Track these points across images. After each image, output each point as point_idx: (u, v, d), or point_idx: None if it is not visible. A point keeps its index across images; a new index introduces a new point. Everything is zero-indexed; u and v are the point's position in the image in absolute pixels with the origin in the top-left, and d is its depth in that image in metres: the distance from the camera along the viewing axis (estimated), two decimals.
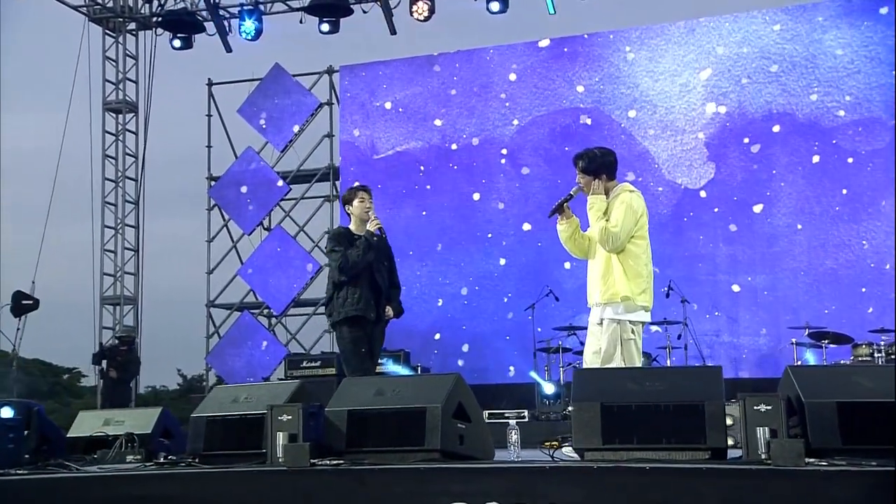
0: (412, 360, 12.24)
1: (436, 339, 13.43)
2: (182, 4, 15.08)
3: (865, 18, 12.33)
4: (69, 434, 6.97)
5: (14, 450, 5.93)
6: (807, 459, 3.95)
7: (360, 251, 6.92)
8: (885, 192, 11.96)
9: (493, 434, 5.31)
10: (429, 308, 13.49)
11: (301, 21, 14.36)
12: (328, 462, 4.78)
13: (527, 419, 10.30)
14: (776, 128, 12.50)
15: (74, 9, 15.29)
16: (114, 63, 15.64)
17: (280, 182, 14.81)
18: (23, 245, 15.31)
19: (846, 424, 4.11)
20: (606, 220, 5.71)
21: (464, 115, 13.82)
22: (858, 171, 12.13)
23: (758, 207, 12.47)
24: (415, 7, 13.51)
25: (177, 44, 14.96)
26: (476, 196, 13.62)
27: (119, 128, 15.62)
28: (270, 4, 14.75)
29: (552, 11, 13.64)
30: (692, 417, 4.32)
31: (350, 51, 15.11)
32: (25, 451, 6.12)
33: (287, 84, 14.89)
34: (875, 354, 9.74)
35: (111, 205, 15.45)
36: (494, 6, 13.51)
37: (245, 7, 14.50)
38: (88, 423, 7.04)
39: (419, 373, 11.36)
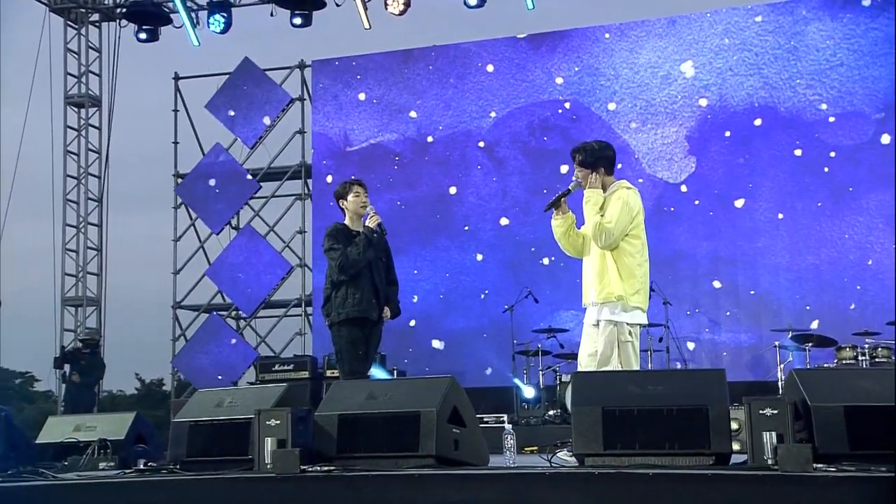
0: (387, 363, 12.16)
1: (411, 337, 13.37)
2: None
3: (848, 11, 12.41)
4: (38, 440, 6.87)
5: None
6: (814, 465, 3.95)
7: (361, 248, 6.82)
8: (868, 187, 12.06)
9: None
10: (404, 304, 13.16)
11: (272, 14, 14.19)
12: (319, 468, 4.73)
13: (506, 423, 10.26)
14: (758, 121, 12.55)
15: None
16: (76, 55, 15.41)
17: (250, 179, 14.67)
18: None
19: (853, 429, 4.11)
20: (601, 216, 5.67)
21: (440, 107, 13.77)
22: (841, 166, 12.21)
23: (739, 202, 12.52)
24: (390, 1, 13.38)
25: (142, 36, 14.71)
26: (452, 189, 13.58)
27: (81, 123, 15.40)
28: None
29: (531, 7, 13.60)
30: (696, 422, 4.31)
31: (323, 45, 15.00)
32: None
33: (257, 78, 14.74)
34: (859, 358, 9.78)
35: (73, 202, 15.24)
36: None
37: None
38: (58, 429, 6.94)
39: (395, 376, 11.28)
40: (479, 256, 13.38)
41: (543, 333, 11.33)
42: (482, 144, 13.53)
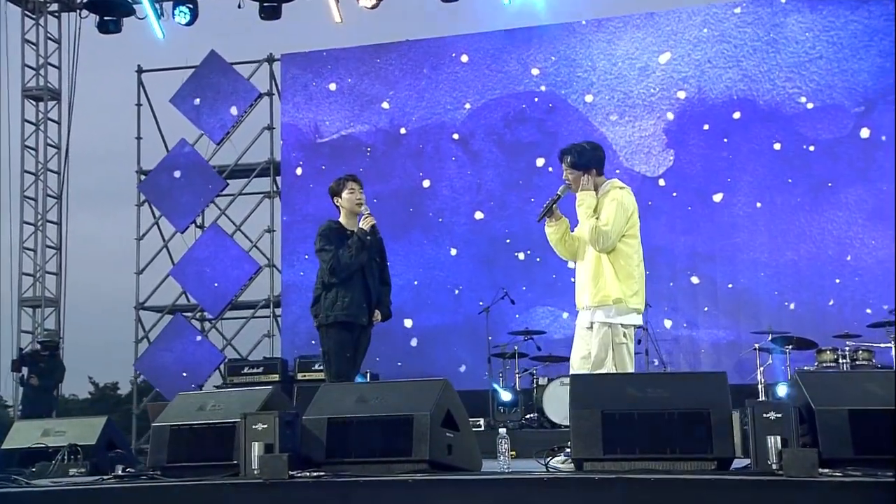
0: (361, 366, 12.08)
1: (382, 334, 13.27)
2: None
3: (828, 3, 12.48)
4: (3, 446, 6.78)
5: None
6: (819, 470, 3.97)
7: (353, 252, 6.73)
8: (847, 181, 12.16)
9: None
10: None
11: (240, 6, 13.95)
12: (308, 474, 4.69)
13: (482, 428, 10.25)
14: (737, 114, 12.61)
15: None
16: (34, 47, 15.09)
17: (216, 176, 14.52)
18: None
19: (858, 433, 4.13)
20: (596, 219, 5.65)
21: (413, 98, 13.72)
22: (820, 160, 12.30)
23: (717, 196, 12.58)
24: None
25: (104, 27, 14.50)
26: (426, 183, 13.54)
27: (40, 117, 15.14)
28: None
29: (507, 3, 13.58)
30: (698, 425, 4.32)
31: (292, 39, 14.85)
32: None
33: (224, 72, 14.58)
34: (840, 360, 9.87)
35: (31, 199, 14.97)
36: None
37: None
38: (25, 434, 6.88)
39: (368, 379, 11.22)
40: (453, 251, 13.35)
41: (520, 335, 11.33)
42: (456, 136, 13.50)
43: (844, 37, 12.40)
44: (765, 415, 4.16)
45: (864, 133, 12.17)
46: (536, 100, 13.29)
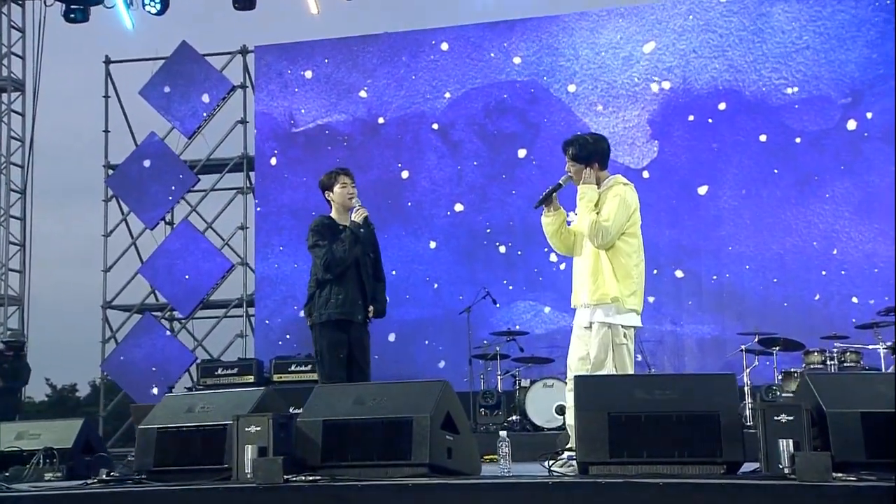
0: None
1: None
2: None
3: None
4: None
5: None
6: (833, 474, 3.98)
7: (347, 245, 6.66)
8: (834, 174, 12.23)
9: None
10: None
11: None
12: (304, 478, 4.66)
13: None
14: (722, 105, 12.66)
15: None
16: None
17: (187, 171, 14.37)
18: None
19: (870, 436, 4.14)
20: (597, 213, 5.63)
21: (391, 87, 13.66)
22: (806, 152, 12.37)
23: (702, 189, 12.63)
24: None
25: (71, 16, 14.25)
26: (405, 174, 13.50)
27: (3, 108, 14.95)
28: None
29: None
30: (707, 428, 4.31)
31: (266, 30, 14.71)
32: None
33: (196, 64, 14.46)
34: (828, 362, 9.93)
35: None
36: None
37: None
38: None
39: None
40: (433, 244, 13.32)
41: (503, 336, 11.33)
42: (436, 126, 13.46)
43: (831, 27, 12.47)
44: (776, 417, 4.17)
45: (851, 125, 12.25)
46: (518, 87, 13.27)
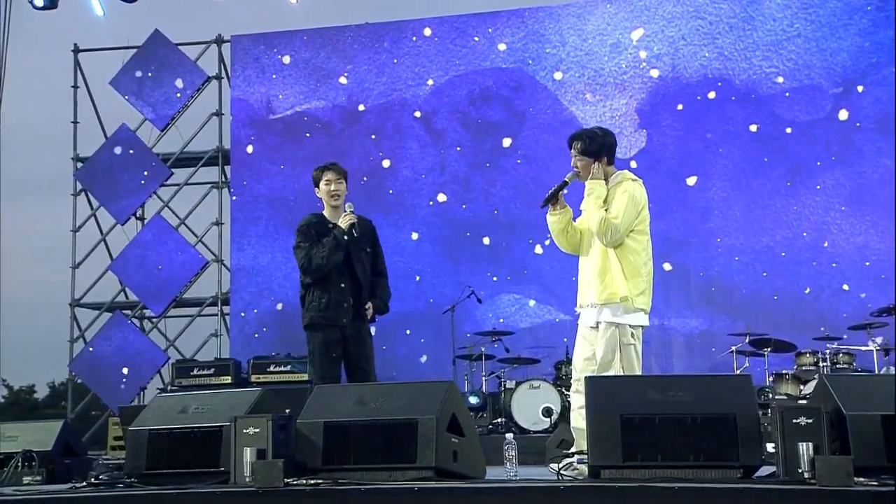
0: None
1: None
2: None
3: None
4: None
5: None
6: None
7: (326, 252, 6.59)
8: (825, 165, 12.27)
9: None
10: None
11: None
12: (305, 482, 4.63)
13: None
14: (712, 94, 12.68)
15: None
16: None
17: (160, 164, 14.17)
18: None
19: (890, 440, 4.15)
20: (606, 210, 5.61)
21: (372, 73, 13.58)
22: (797, 142, 12.41)
23: (691, 180, 12.65)
24: None
25: (38, 2, 14.04)
26: (386, 163, 13.43)
27: None
28: None
29: None
30: (723, 431, 4.31)
31: (242, 19, 14.57)
32: None
33: (169, 54, 14.25)
34: (820, 364, 10.01)
35: None
36: None
37: None
38: None
39: None
40: (415, 235, 13.27)
41: (487, 336, 11.31)
42: (418, 114, 13.40)
43: (823, 14, 12.51)
44: (794, 420, 4.17)
45: (843, 115, 12.29)
46: (503, 74, 13.23)
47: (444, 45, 13.43)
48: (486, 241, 12.97)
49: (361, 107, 13.57)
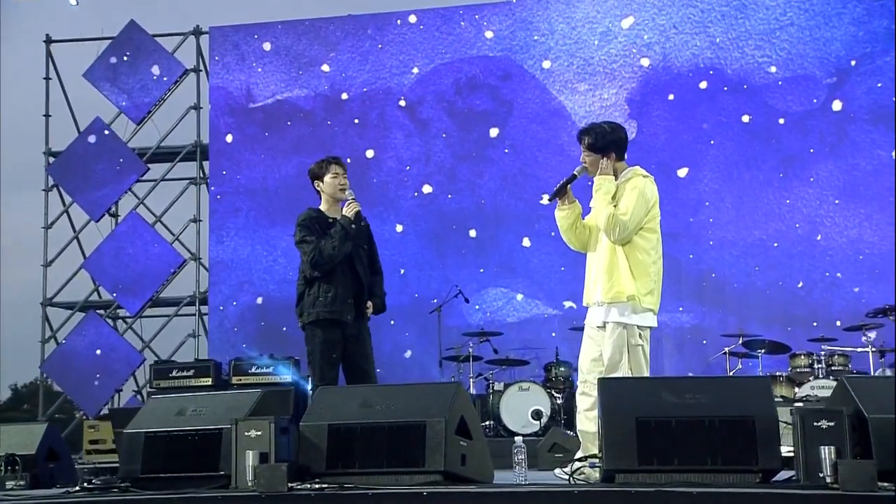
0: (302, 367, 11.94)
1: None
2: None
3: None
4: None
5: None
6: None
7: (336, 242, 6.55)
8: (818, 156, 12.32)
9: None
10: None
11: None
12: (310, 486, 4.59)
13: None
14: (703, 84, 12.69)
15: None
16: None
17: (136, 160, 14.04)
18: None
19: None
20: (615, 206, 5.59)
21: (356, 61, 13.52)
22: (790, 133, 12.45)
23: (682, 171, 12.66)
24: None
25: None
26: (370, 153, 13.38)
27: None
28: None
29: None
30: (742, 434, 4.31)
31: (221, 9, 14.48)
32: None
33: (145, 45, 14.13)
34: (815, 366, 10.03)
35: None
36: None
37: None
38: None
39: (310, 383, 11.03)
40: (399, 227, 13.22)
41: (475, 336, 11.26)
42: (403, 103, 13.35)
43: (816, 3, 12.54)
44: (815, 423, 4.17)
45: (836, 105, 12.33)
46: (490, 63, 13.20)
47: (430, 33, 13.38)
48: (473, 234, 12.95)
49: (344, 95, 13.50)
